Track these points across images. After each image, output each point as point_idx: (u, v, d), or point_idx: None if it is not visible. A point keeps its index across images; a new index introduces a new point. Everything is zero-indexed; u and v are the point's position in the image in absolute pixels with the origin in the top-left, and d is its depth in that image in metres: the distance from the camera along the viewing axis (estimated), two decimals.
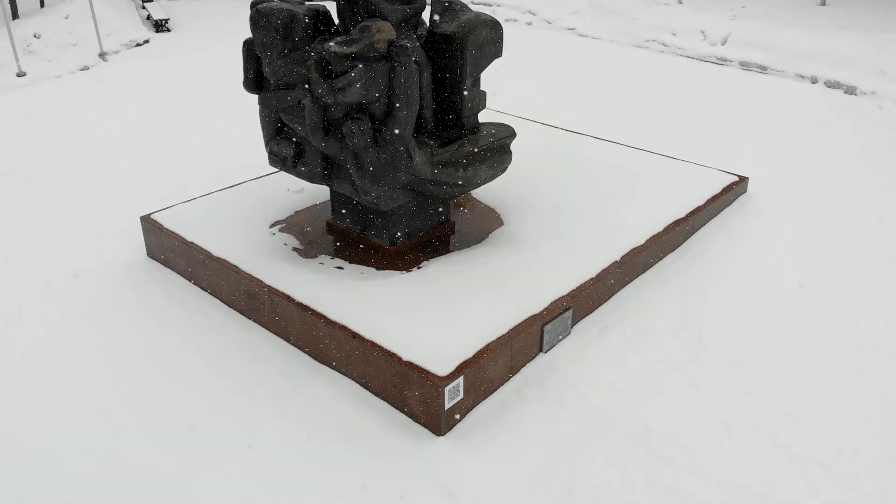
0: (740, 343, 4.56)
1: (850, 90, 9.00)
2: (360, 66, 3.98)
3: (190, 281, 5.30)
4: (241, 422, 3.98)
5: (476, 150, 4.70)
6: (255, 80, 4.65)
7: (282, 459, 3.74)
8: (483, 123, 4.94)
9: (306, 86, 4.24)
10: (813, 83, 9.39)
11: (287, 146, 4.72)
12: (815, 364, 4.36)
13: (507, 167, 5.06)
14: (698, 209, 5.68)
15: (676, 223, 5.44)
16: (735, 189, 6.18)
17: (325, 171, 4.64)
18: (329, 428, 3.93)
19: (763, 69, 9.94)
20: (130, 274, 5.47)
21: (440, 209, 5.16)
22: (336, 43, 4.01)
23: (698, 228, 5.75)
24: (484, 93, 4.86)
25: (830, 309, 4.86)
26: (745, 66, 10.17)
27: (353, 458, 3.73)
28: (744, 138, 7.83)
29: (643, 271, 5.21)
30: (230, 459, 3.73)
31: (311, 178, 4.73)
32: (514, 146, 6.10)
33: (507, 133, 4.97)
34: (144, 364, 4.45)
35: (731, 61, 10.36)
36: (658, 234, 5.26)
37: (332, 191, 5.17)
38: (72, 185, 6.97)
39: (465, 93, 4.64)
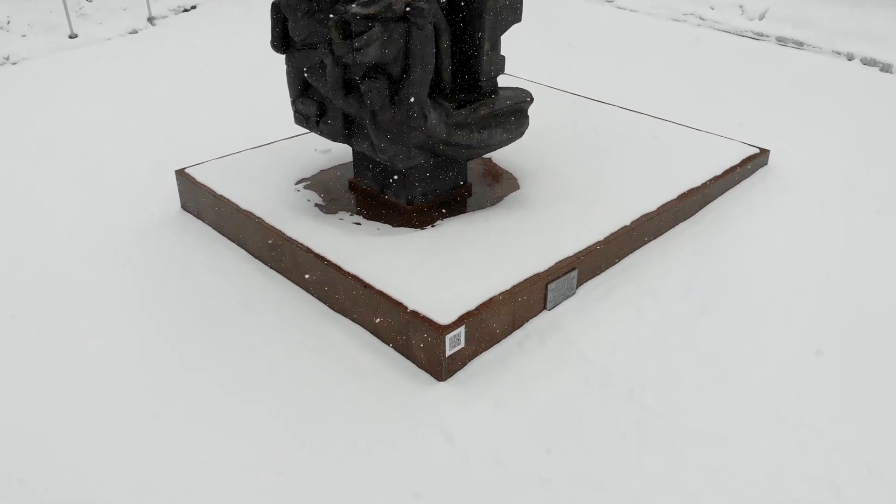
0: (745, 310, 4.59)
1: (886, 68, 8.75)
2: (378, 26, 4.07)
3: (219, 232, 5.51)
4: (259, 362, 4.19)
5: (492, 113, 4.77)
6: (281, 40, 4.78)
7: (294, 397, 3.93)
8: (501, 87, 5.00)
9: (328, 46, 4.35)
10: (849, 60, 9.15)
11: (311, 105, 4.85)
12: (817, 334, 4.37)
13: (523, 132, 5.11)
14: (714, 179, 5.66)
15: (691, 192, 5.44)
16: (755, 161, 6.13)
17: (345, 129, 4.76)
18: (339, 371, 4.11)
19: (799, 45, 9.71)
20: (164, 224, 5.71)
21: (457, 171, 5.25)
22: (356, 4, 4.10)
23: (714, 198, 5.74)
24: (503, 57, 4.91)
25: (839, 283, 4.83)
26: (781, 41, 9.94)
27: (360, 398, 3.90)
28: (774, 113, 7.70)
29: (654, 237, 5.24)
30: (247, 395, 3.94)
31: (332, 137, 4.86)
32: (536, 113, 6.14)
33: (525, 98, 5.02)
34: (173, 308, 4.68)
35: (768, 36, 10.13)
36: (671, 201, 5.27)
37: (354, 151, 5.29)
38: (115, 141, 7.23)
39: (484, 56, 4.70)
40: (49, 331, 4.48)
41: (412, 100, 4.28)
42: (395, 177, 4.99)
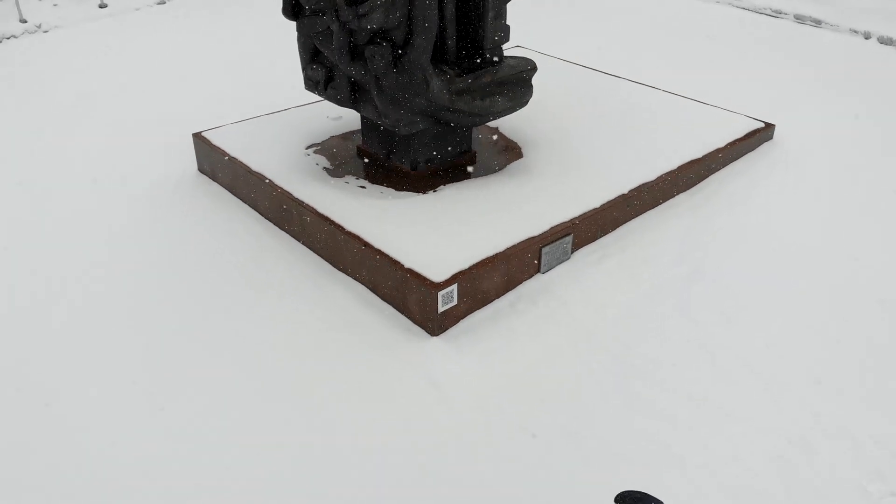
0: (738, 279, 4.60)
1: None
2: None
3: (232, 193, 5.64)
4: (267, 314, 4.32)
5: (494, 81, 4.81)
6: (292, 7, 4.84)
7: (295, 347, 4.07)
8: (505, 56, 5.02)
9: (334, 11, 4.41)
10: (866, 39, 8.98)
11: (320, 71, 4.93)
12: (808, 307, 4.37)
13: (527, 101, 5.14)
14: (716, 151, 5.65)
15: (691, 163, 5.44)
16: (759, 135, 6.10)
17: (352, 94, 4.83)
18: (339, 324, 4.23)
19: (817, 23, 9.54)
20: (182, 186, 5.85)
21: (462, 139, 5.30)
22: None
23: (715, 170, 5.73)
24: (507, 26, 4.93)
25: (834, 258, 4.80)
26: (799, 19, 9.77)
27: (356, 350, 4.03)
28: (785, 90, 7.61)
29: (652, 207, 5.26)
30: (254, 343, 4.09)
31: (339, 101, 4.94)
32: (545, 84, 6.17)
33: (528, 66, 5.04)
34: (184, 262, 4.83)
35: (785, 14, 9.96)
36: (671, 171, 5.28)
37: (361, 117, 5.37)
38: (140, 105, 7.39)
39: (487, 24, 4.73)
40: (67, 280, 4.65)
41: (414, 66, 4.33)
42: (400, 143, 5.06)
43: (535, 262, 4.49)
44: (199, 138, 5.86)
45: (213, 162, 5.78)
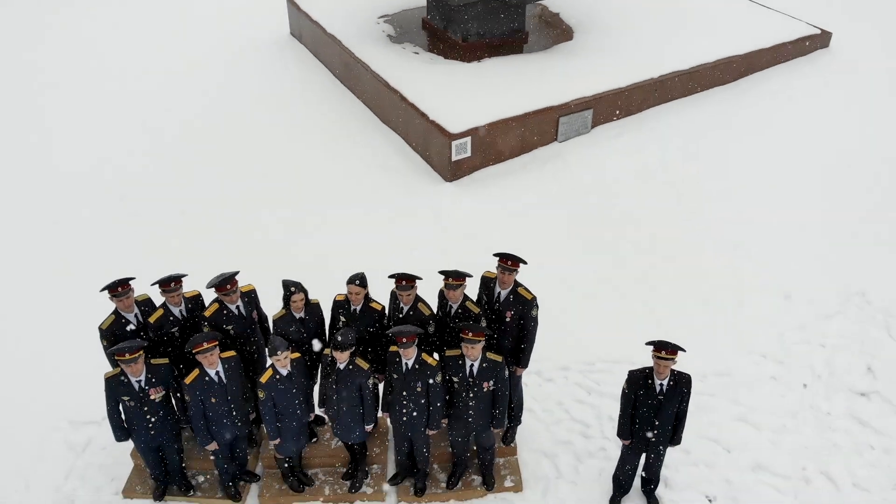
0: (737, 165, 4.68)
1: None
2: None
3: (314, 55, 6.13)
4: (315, 153, 4.90)
5: None
6: None
7: (341, 180, 4.65)
8: None
9: None
10: None
11: None
12: (789, 195, 4.44)
13: None
14: (761, 51, 5.52)
15: (730, 59, 5.38)
16: (812, 41, 5.85)
17: None
18: (374, 165, 4.77)
19: None
20: (273, 46, 6.43)
21: (514, 18, 5.46)
22: None
23: (757, 70, 5.62)
24: None
25: (839, 162, 4.72)
26: None
27: (383, 186, 4.56)
28: (872, 3, 7.06)
29: (683, 95, 5.29)
30: (311, 172, 4.71)
31: None
32: None
33: None
34: (261, 104, 5.46)
35: None
36: (706, 63, 5.27)
37: None
38: None
39: None
40: (175, 108, 5.43)
41: None
42: (455, 15, 5.30)
43: (553, 130, 4.74)
44: (290, 2, 6.31)
45: (301, 25, 6.25)
